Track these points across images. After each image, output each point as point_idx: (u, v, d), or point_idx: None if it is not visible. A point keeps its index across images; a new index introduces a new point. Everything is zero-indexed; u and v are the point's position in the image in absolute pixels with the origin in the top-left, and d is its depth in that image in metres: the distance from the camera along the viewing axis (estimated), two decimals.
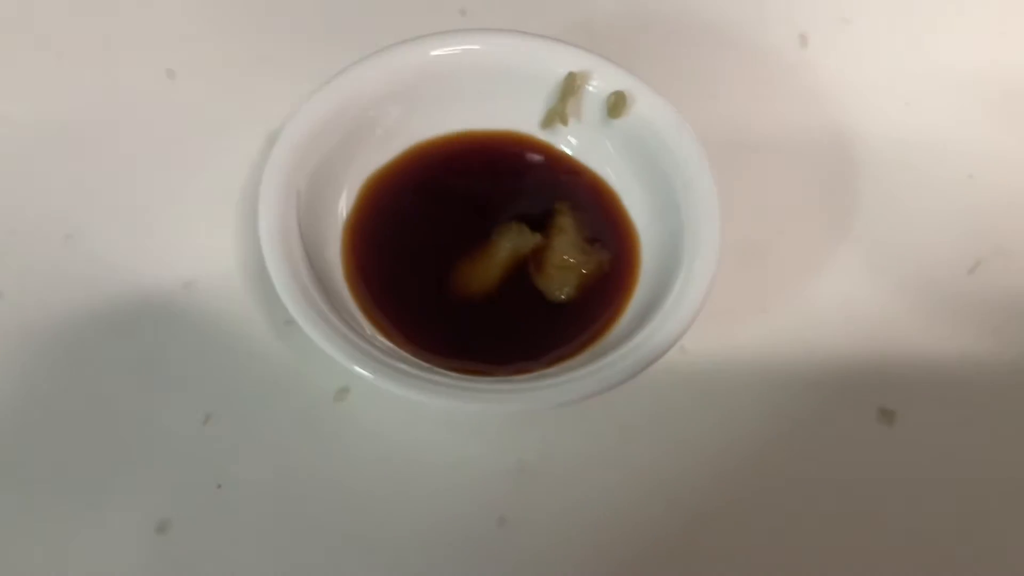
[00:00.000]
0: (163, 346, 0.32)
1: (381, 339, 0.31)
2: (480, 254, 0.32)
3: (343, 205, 0.33)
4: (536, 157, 0.35)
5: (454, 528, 0.31)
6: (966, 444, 0.33)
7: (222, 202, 0.35)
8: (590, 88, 0.33)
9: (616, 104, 0.33)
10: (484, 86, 0.33)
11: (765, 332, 0.34)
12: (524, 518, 0.31)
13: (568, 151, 0.34)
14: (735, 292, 0.33)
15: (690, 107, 0.33)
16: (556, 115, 0.34)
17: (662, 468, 0.32)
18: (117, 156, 0.36)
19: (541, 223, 0.33)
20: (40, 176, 0.36)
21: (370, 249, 0.32)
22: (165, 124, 0.37)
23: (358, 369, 0.28)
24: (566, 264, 0.32)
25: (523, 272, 0.32)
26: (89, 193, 0.35)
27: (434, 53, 0.32)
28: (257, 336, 0.33)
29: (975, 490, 0.32)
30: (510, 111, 0.34)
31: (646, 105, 0.33)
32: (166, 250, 0.34)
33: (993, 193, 0.38)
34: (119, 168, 0.36)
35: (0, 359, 0.32)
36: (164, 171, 0.36)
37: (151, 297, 0.33)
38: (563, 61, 0.33)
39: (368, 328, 0.31)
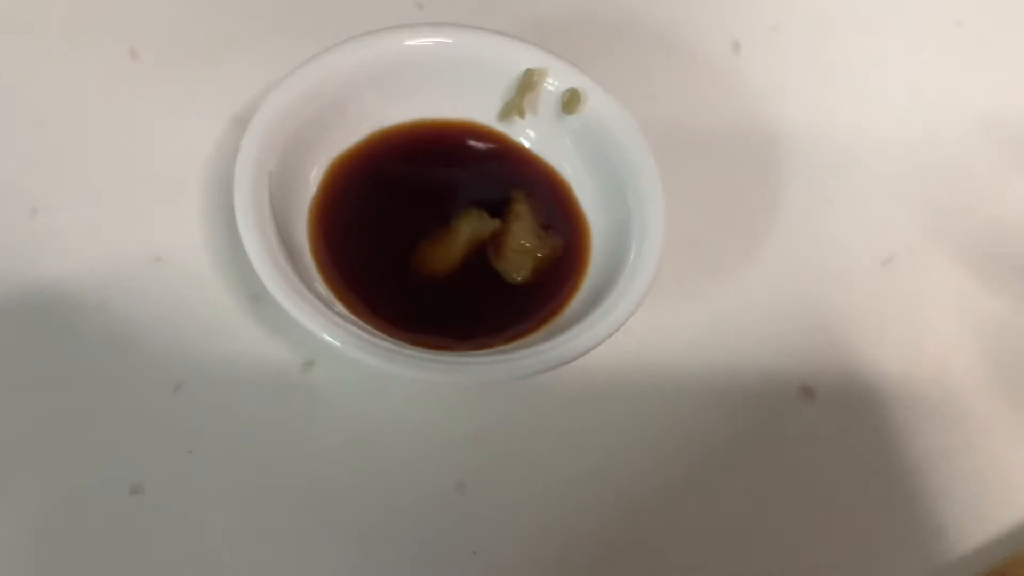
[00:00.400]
0: (134, 318, 0.33)
1: (347, 314, 0.32)
2: (441, 237, 0.34)
3: (312, 186, 0.34)
4: (495, 147, 0.37)
5: (415, 492, 0.33)
6: (877, 420, 0.36)
7: (188, 180, 0.36)
8: (547, 85, 0.35)
9: (570, 100, 0.35)
10: (449, 77, 0.35)
11: (701, 316, 0.37)
12: (481, 483, 0.33)
13: (525, 143, 0.37)
14: (674, 279, 0.36)
15: (632, 107, 0.35)
16: (513, 108, 0.36)
17: (607, 438, 0.34)
18: (83, 133, 0.37)
19: (499, 209, 0.35)
20: (3, 152, 0.36)
21: (336, 229, 0.34)
22: (129, 103, 0.38)
23: (327, 338, 0.29)
24: (522, 248, 0.34)
25: (482, 255, 0.34)
26: (55, 169, 0.36)
27: (408, 43, 0.34)
28: (225, 309, 0.34)
29: (883, 456, 0.36)
30: (472, 103, 0.36)
31: (597, 102, 0.35)
32: (134, 226, 0.35)
33: (904, 193, 0.41)
34: (85, 144, 0.37)
35: None
36: (130, 148, 0.37)
37: (120, 271, 0.34)
38: (523, 58, 0.35)
39: (335, 303, 0.32)
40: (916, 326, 0.38)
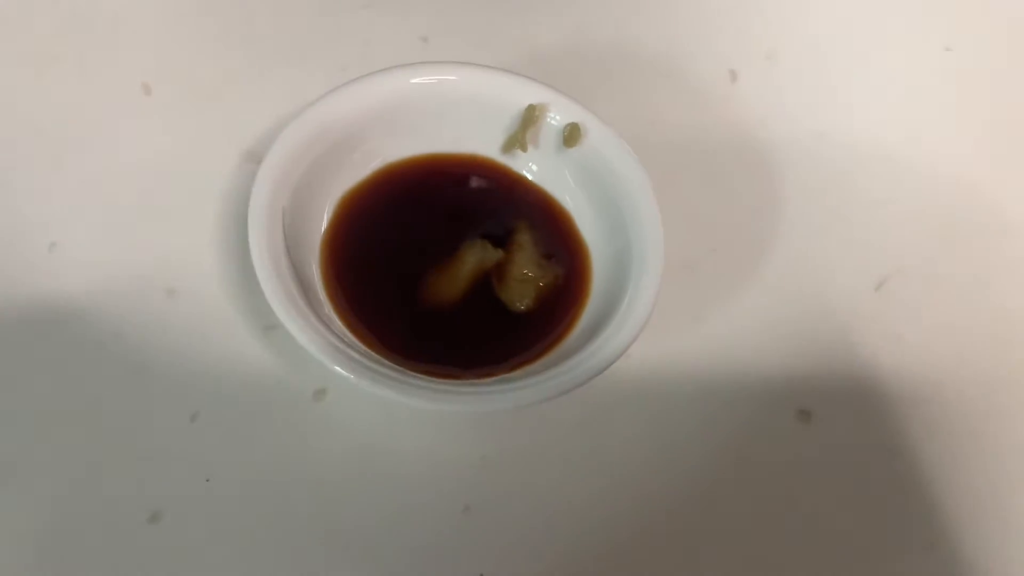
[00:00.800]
0: (149, 350, 0.35)
1: (358, 344, 0.33)
2: (447, 267, 0.35)
3: (323, 220, 0.36)
4: (498, 180, 0.38)
5: (423, 515, 0.34)
6: (871, 440, 0.37)
7: (201, 213, 0.38)
8: (549, 119, 0.37)
9: (571, 135, 0.36)
10: (454, 114, 0.36)
11: (699, 340, 0.38)
12: (487, 506, 0.34)
13: (527, 175, 0.38)
14: (673, 304, 0.37)
15: (631, 135, 0.36)
16: (516, 142, 0.37)
17: (609, 462, 0.35)
18: (98, 168, 0.38)
19: (502, 240, 0.36)
20: (22, 187, 0.37)
21: (346, 262, 0.35)
22: (143, 137, 0.39)
23: (339, 370, 0.30)
24: (525, 277, 0.36)
25: (486, 284, 0.36)
26: (72, 204, 0.37)
27: (414, 81, 0.35)
28: (239, 340, 0.35)
29: (879, 475, 0.37)
30: (475, 137, 0.37)
31: (598, 136, 0.36)
32: (148, 259, 0.36)
33: (897, 218, 0.42)
34: (100, 179, 0.38)
35: None
36: (144, 182, 0.38)
37: (136, 304, 0.35)
38: (525, 94, 0.36)
39: (346, 334, 0.34)
40: (912, 346, 0.39)
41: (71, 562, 0.31)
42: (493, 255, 0.36)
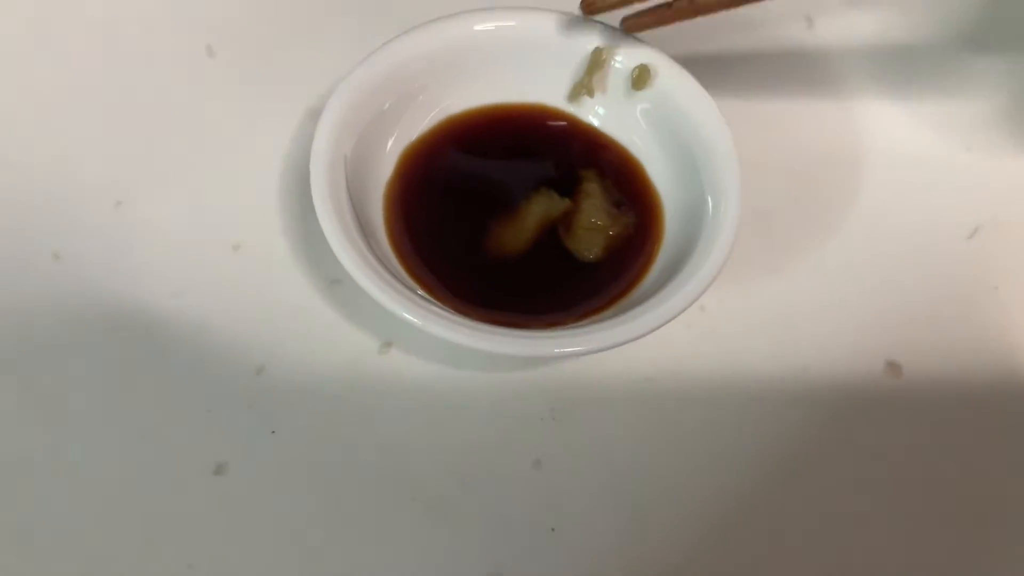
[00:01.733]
0: (215, 304, 0.34)
1: (423, 293, 0.33)
2: (513, 217, 0.34)
3: (385, 169, 0.35)
4: (564, 128, 0.37)
5: (492, 469, 0.33)
6: (965, 391, 0.35)
7: (265, 170, 0.37)
8: (615, 63, 0.35)
9: (640, 77, 0.35)
10: (517, 60, 0.35)
11: (776, 292, 0.36)
12: (558, 461, 0.33)
13: (595, 122, 0.37)
14: (749, 255, 0.35)
15: (706, 83, 0.35)
16: (583, 88, 0.36)
17: (681, 415, 0.34)
18: (163, 128, 0.38)
19: (570, 189, 0.35)
20: (88, 146, 0.37)
21: (410, 211, 0.34)
22: (207, 98, 0.39)
23: (408, 317, 0.30)
24: (594, 226, 0.34)
25: (554, 235, 0.34)
26: (138, 163, 0.37)
27: (476, 28, 0.34)
28: (303, 294, 0.35)
29: (973, 424, 0.34)
30: (540, 85, 0.36)
31: (668, 77, 0.35)
32: (213, 215, 0.36)
33: (991, 167, 0.40)
34: (165, 138, 0.38)
35: (63, 318, 0.34)
36: (208, 141, 0.38)
37: (202, 258, 0.35)
38: (589, 37, 0.35)
39: (412, 284, 0.33)
40: (1002, 296, 0.37)
41: (139, 512, 0.31)
42: (560, 205, 0.34)
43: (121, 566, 0.30)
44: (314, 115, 0.38)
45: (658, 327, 0.30)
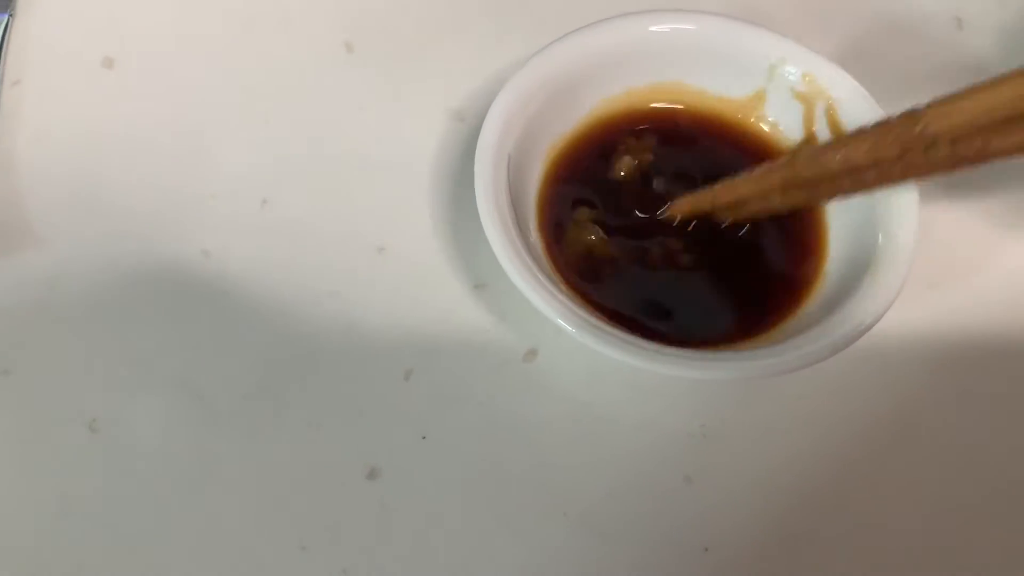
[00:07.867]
0: (362, 306, 0.34)
1: (576, 302, 0.32)
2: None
3: (541, 170, 0.34)
4: (731, 135, 0.36)
5: (642, 484, 0.32)
6: None
7: (408, 172, 0.37)
8: (787, 73, 0.34)
9: (811, 90, 0.34)
10: (688, 64, 0.35)
11: (934, 308, 0.35)
12: (708, 478, 0.32)
13: (765, 129, 0.36)
14: (924, 274, 0.34)
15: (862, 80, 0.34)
16: (755, 97, 0.35)
17: (836, 438, 0.33)
18: (305, 126, 0.38)
19: None
20: (232, 144, 0.37)
21: (564, 215, 0.34)
22: (347, 96, 0.39)
23: (561, 323, 0.29)
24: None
25: (711, 246, 0.34)
26: (282, 161, 0.37)
27: (652, 29, 0.34)
28: (449, 298, 0.34)
29: None
30: (712, 91, 0.36)
31: (840, 91, 0.34)
32: (357, 217, 0.36)
33: None
34: (308, 137, 0.38)
35: (210, 315, 0.34)
36: (349, 141, 0.38)
37: (348, 260, 0.35)
38: (767, 48, 0.34)
39: (565, 291, 0.32)
40: None
41: (291, 513, 0.31)
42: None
43: (273, 572, 0.30)
44: (457, 116, 0.38)
45: (824, 359, 0.30)
